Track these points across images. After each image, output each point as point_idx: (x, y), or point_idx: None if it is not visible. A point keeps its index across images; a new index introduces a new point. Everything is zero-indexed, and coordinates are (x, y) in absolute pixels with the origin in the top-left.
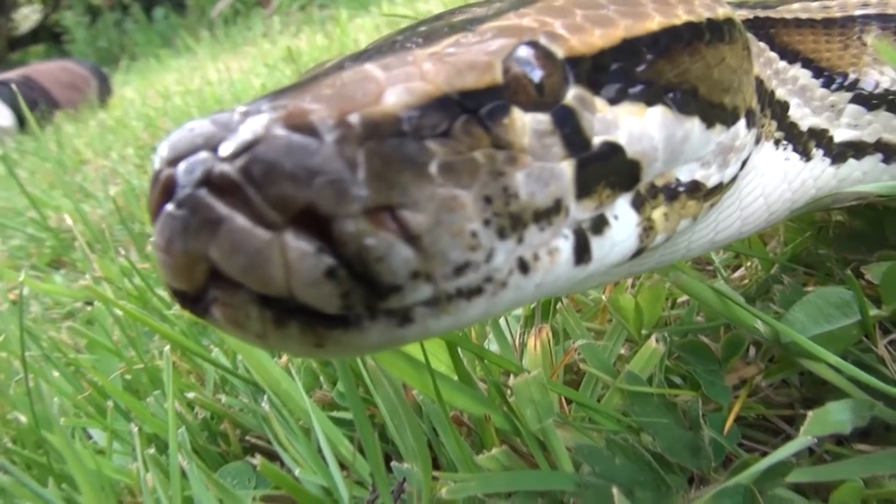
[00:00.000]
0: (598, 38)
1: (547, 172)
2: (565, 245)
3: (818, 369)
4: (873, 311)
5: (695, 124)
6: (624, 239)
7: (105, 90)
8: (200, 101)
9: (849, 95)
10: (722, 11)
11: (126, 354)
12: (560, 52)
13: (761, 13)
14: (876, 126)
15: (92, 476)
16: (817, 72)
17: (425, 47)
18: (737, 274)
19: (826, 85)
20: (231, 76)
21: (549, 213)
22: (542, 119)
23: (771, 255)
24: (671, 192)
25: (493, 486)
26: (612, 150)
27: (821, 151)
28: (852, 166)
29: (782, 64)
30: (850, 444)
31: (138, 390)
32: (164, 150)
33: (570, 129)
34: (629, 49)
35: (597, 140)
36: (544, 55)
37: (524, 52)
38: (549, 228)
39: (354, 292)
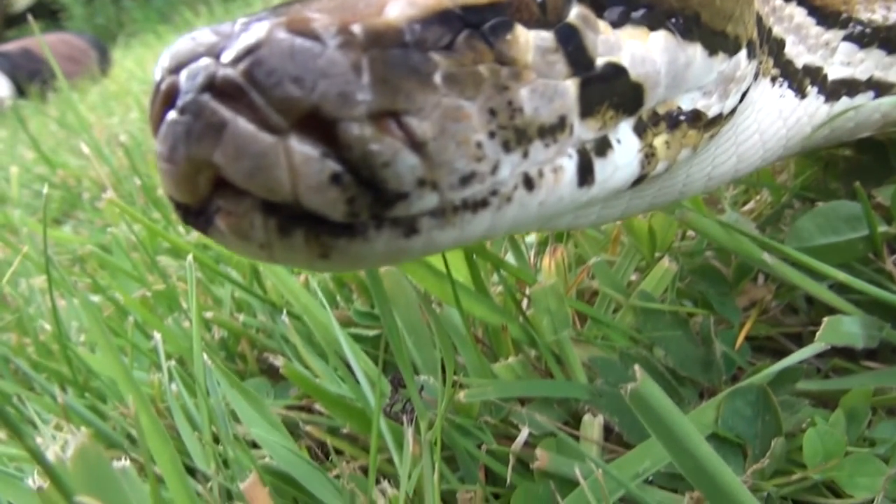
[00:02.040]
0: None
1: (551, 89)
2: (569, 164)
3: (818, 292)
4: (882, 228)
5: (697, 51)
6: (626, 163)
7: (105, 62)
8: None
9: (842, 33)
10: None
11: (145, 280)
12: None
13: None
14: (868, 64)
15: (127, 381)
16: (812, 10)
17: None
18: (746, 207)
19: (821, 23)
20: None
21: (553, 130)
22: (546, 36)
23: (781, 187)
24: (673, 121)
25: (510, 392)
26: (616, 70)
27: (815, 89)
28: (845, 104)
29: (779, 2)
30: (858, 362)
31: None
32: (165, 60)
33: (574, 48)
34: None
35: (600, 60)
36: None
37: None
38: (553, 145)
39: (360, 198)
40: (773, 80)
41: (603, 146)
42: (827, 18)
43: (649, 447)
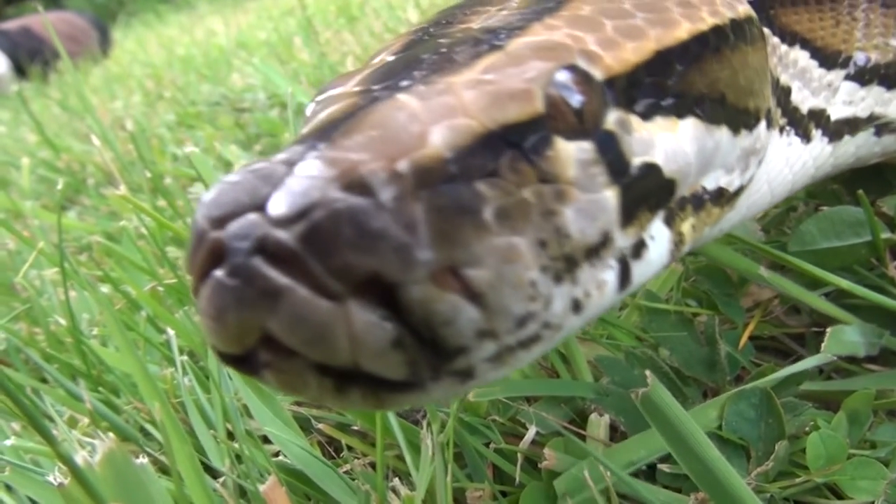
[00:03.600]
0: (631, 53)
1: (594, 205)
2: (611, 276)
3: (814, 302)
4: (885, 234)
5: (723, 133)
6: (658, 257)
7: (106, 42)
8: (206, 50)
9: (843, 73)
10: (742, 9)
11: (155, 272)
12: (598, 74)
13: None
14: (868, 101)
15: (143, 374)
16: (814, 52)
17: (458, 71)
18: None
19: (823, 65)
20: (235, 28)
21: (598, 248)
22: (586, 147)
23: None
24: (698, 202)
25: (517, 391)
26: (651, 170)
27: (819, 132)
28: (848, 142)
29: (784, 48)
30: (859, 364)
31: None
32: (207, 209)
33: (613, 156)
34: (661, 61)
35: (636, 162)
36: (583, 79)
37: (562, 76)
38: (598, 263)
39: (421, 358)
40: (781, 130)
41: (639, 248)
42: (828, 59)
43: (646, 439)
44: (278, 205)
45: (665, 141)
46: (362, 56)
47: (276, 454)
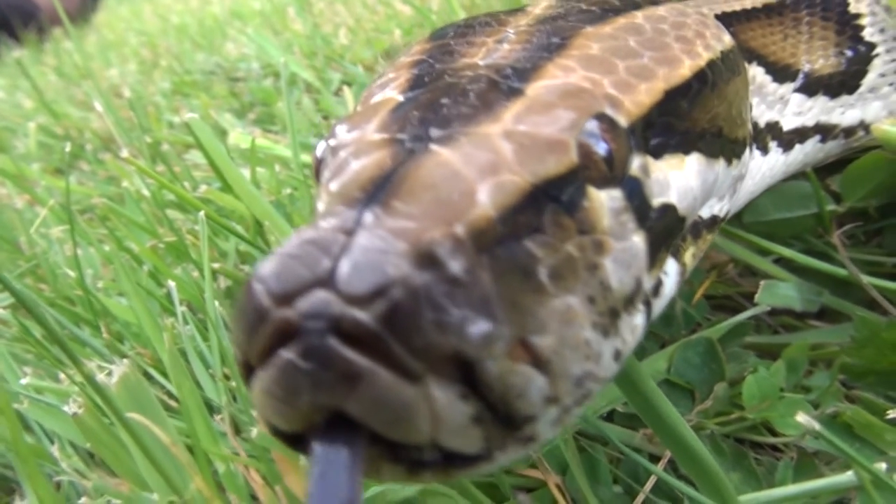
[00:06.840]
0: (645, 95)
1: (628, 253)
2: (641, 319)
3: (758, 263)
4: (830, 206)
5: (721, 165)
6: (670, 290)
7: (94, 5)
8: (200, 19)
9: (792, 85)
10: (727, 38)
11: (156, 231)
12: (623, 121)
13: (718, 7)
14: (815, 111)
15: (148, 317)
16: (768, 67)
17: (490, 120)
18: None
19: (776, 79)
20: None
21: (633, 297)
22: (615, 195)
23: None
24: (696, 231)
25: None
26: (668, 211)
27: (775, 143)
28: (797, 151)
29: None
30: (804, 320)
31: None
32: (267, 284)
33: (639, 201)
34: (670, 101)
35: (655, 204)
36: (610, 127)
37: (591, 125)
38: (633, 311)
39: (495, 431)
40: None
41: (658, 286)
42: (779, 73)
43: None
44: (351, 282)
45: (677, 179)
46: (355, 27)
47: None
